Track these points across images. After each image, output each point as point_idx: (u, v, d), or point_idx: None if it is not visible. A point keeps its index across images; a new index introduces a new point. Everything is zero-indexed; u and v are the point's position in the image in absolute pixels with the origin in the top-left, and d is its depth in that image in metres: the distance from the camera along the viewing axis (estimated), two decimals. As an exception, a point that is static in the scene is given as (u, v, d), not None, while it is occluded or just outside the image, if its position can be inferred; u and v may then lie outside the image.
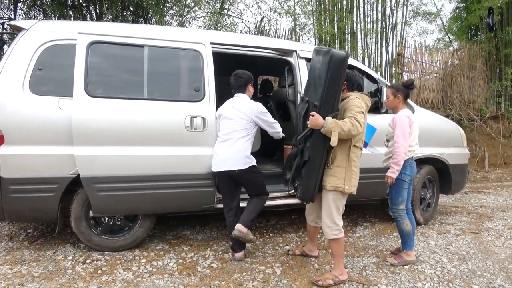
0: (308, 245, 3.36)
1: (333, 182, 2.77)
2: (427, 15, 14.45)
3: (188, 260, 3.25)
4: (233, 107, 3.23)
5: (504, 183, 8.02)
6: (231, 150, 3.16)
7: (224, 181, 3.27)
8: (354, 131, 2.61)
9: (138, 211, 3.37)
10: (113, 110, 3.13)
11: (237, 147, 3.16)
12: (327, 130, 2.60)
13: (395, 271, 3.12)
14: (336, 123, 2.59)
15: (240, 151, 3.16)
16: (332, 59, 2.62)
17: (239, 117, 3.19)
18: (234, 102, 3.27)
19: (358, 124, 2.63)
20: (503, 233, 4.21)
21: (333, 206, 2.81)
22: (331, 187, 2.77)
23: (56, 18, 6.89)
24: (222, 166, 3.19)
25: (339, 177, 2.76)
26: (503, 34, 11.14)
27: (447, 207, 5.54)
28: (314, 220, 3.17)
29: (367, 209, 5.18)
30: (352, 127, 2.61)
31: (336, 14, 10.32)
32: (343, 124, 2.60)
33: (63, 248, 3.45)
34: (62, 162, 3.04)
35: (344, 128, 2.59)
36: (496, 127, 10.17)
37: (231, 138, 3.18)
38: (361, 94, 2.91)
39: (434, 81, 10.46)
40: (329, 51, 2.66)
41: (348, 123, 2.61)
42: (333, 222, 2.81)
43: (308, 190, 2.84)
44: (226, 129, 3.22)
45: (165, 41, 3.40)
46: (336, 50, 2.67)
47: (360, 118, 2.67)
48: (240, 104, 3.24)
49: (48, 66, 3.08)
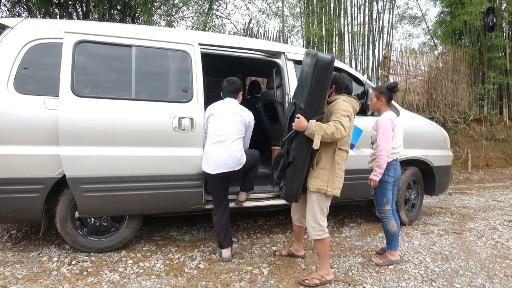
0: (295, 245, 3.40)
1: (317, 184, 2.80)
2: (413, 19, 14.72)
3: (175, 261, 3.25)
4: (230, 109, 3.24)
5: (486, 185, 8.20)
6: (228, 151, 3.16)
7: (218, 182, 3.26)
8: (337, 134, 2.64)
9: (125, 212, 3.35)
10: (100, 110, 3.10)
11: (234, 148, 3.18)
12: (310, 132, 2.63)
13: (380, 271, 3.17)
14: (319, 126, 2.62)
15: (236, 151, 3.19)
16: (318, 62, 2.64)
17: (237, 119, 3.22)
18: (230, 104, 3.28)
19: (342, 128, 2.65)
20: (485, 233, 4.31)
21: (316, 207, 2.84)
22: (314, 189, 2.81)
23: (41, 15, 6.79)
24: (219, 168, 3.16)
25: (322, 179, 2.80)
26: (486, 38, 11.41)
27: (431, 207, 5.64)
28: (299, 220, 3.20)
29: (354, 210, 5.24)
30: (335, 130, 2.63)
31: (324, 17, 10.40)
32: (327, 127, 2.63)
33: (47, 249, 3.40)
34: (48, 163, 3.00)
35: (328, 132, 2.62)
36: (479, 129, 10.41)
37: (227, 139, 3.17)
38: (349, 97, 2.93)
39: (420, 83, 10.64)
40: (315, 55, 2.68)
41: (332, 127, 2.64)
42: (317, 222, 2.84)
43: (291, 191, 2.88)
44: (219, 130, 3.19)
45: (153, 41, 3.39)
46: (322, 54, 2.68)
47: (345, 121, 2.69)
48: (238, 108, 3.28)
49: (34, 65, 3.04)
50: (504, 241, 4.04)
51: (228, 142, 3.17)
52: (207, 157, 3.22)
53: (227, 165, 3.16)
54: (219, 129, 3.20)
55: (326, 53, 2.79)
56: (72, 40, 3.12)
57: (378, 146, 3.21)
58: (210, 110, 3.29)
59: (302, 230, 3.30)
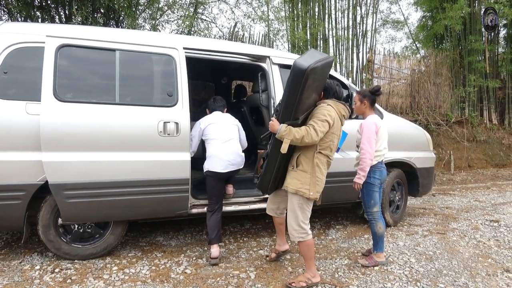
0: (278, 240, 3.39)
1: (296, 185, 2.80)
2: (395, 23, 15.02)
3: (161, 267, 3.21)
4: (224, 118, 3.58)
5: (468, 185, 8.39)
6: (236, 151, 3.48)
7: (221, 182, 3.47)
8: (307, 139, 2.64)
9: (109, 218, 3.31)
10: (83, 115, 3.06)
11: (238, 147, 3.53)
12: (279, 136, 2.66)
13: (366, 272, 3.20)
14: (289, 130, 2.64)
15: (240, 150, 3.54)
16: (294, 68, 2.58)
17: (233, 123, 3.60)
18: (222, 115, 3.61)
19: (314, 133, 2.65)
20: (467, 233, 4.40)
21: (298, 211, 2.84)
22: (293, 190, 2.81)
23: (22, 19, 6.66)
24: (230, 167, 3.40)
25: (302, 181, 2.80)
26: (466, 42, 11.69)
27: (415, 209, 5.73)
28: (275, 211, 3.24)
29: (340, 212, 5.29)
30: (306, 134, 2.64)
31: (308, 21, 10.51)
32: (297, 132, 2.64)
33: (30, 257, 3.33)
34: (29, 169, 2.94)
35: (297, 136, 2.63)
36: (461, 131, 10.64)
37: (232, 138, 3.49)
38: (336, 102, 2.91)
39: (403, 87, 10.83)
40: (295, 60, 2.61)
41: (303, 131, 2.65)
42: (299, 225, 2.84)
43: (263, 183, 3.01)
44: (223, 132, 3.47)
45: (137, 45, 3.36)
46: (300, 61, 2.58)
47: (319, 126, 2.68)
48: (230, 117, 3.65)
49: (14, 69, 2.98)
50: (486, 240, 4.13)
51: (233, 141, 3.49)
52: (216, 159, 3.37)
53: (235, 165, 3.44)
54: (222, 131, 3.47)
55: (311, 56, 2.68)
56: (54, 44, 3.08)
57: (362, 150, 3.26)
58: (207, 121, 3.51)
59: (280, 221, 3.29)
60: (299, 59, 2.60)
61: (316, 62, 2.58)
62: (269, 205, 3.28)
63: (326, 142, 2.80)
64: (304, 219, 2.85)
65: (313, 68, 2.55)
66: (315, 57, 2.64)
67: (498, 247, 3.91)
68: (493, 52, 12.52)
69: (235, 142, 3.50)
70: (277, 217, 3.27)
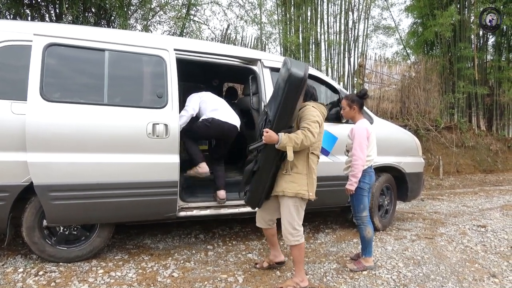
0: (272, 252, 3.31)
1: (294, 188, 2.80)
2: (387, 29, 15.15)
3: (148, 270, 3.17)
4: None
5: (456, 190, 8.47)
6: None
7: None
8: (306, 142, 2.68)
9: (96, 221, 3.25)
10: (70, 115, 3.01)
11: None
12: (282, 146, 2.66)
13: (354, 277, 3.20)
14: (289, 138, 2.65)
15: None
16: (290, 78, 2.60)
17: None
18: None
19: (311, 135, 2.70)
20: (455, 238, 4.44)
21: (294, 212, 2.84)
22: (292, 193, 2.80)
23: (11, 16, 6.56)
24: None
25: (300, 184, 2.81)
26: (456, 49, 11.85)
27: (404, 213, 5.76)
28: (267, 223, 3.13)
29: (329, 216, 5.29)
30: (304, 138, 2.68)
31: (301, 25, 10.56)
32: (296, 137, 2.66)
33: (13, 259, 3.26)
34: (14, 169, 2.88)
35: (297, 141, 2.66)
36: (450, 137, 10.77)
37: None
38: (317, 104, 2.98)
39: (393, 92, 10.94)
40: (289, 69, 2.62)
41: (300, 135, 2.68)
42: (294, 228, 2.84)
43: (254, 198, 2.96)
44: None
45: (127, 46, 3.32)
46: (295, 70, 2.61)
47: (314, 128, 2.73)
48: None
49: (0, 67, 2.92)
50: (473, 245, 4.16)
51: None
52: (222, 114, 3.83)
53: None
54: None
55: (300, 64, 2.72)
56: (42, 43, 3.02)
57: (353, 156, 3.25)
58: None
59: (273, 232, 3.21)
60: (294, 69, 2.61)
61: (305, 70, 2.67)
62: (262, 217, 3.15)
63: (316, 143, 2.86)
64: (299, 220, 2.87)
65: (307, 75, 2.66)
66: (300, 65, 2.71)
67: (485, 252, 3.95)
68: (482, 60, 12.72)
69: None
70: (270, 228, 3.17)
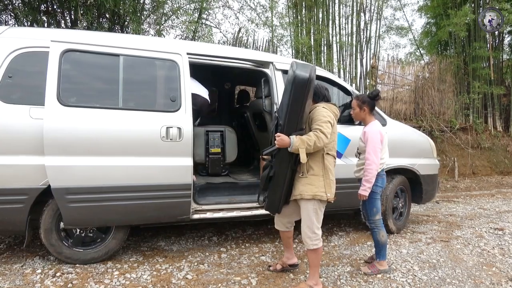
0: (286, 254, 3.30)
1: (311, 190, 2.78)
2: (400, 29, 14.98)
3: (162, 272, 3.20)
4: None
5: (472, 192, 8.32)
6: None
7: None
8: (319, 143, 2.66)
9: (111, 223, 3.30)
10: (86, 120, 3.07)
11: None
12: (294, 149, 2.65)
13: (369, 280, 3.18)
14: (301, 140, 2.64)
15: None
16: (296, 80, 2.60)
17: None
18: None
19: (323, 136, 2.68)
20: (471, 241, 4.36)
21: (313, 216, 2.82)
22: (310, 196, 2.78)
23: (28, 23, 6.72)
24: None
25: (317, 185, 2.78)
26: (470, 49, 11.66)
27: (419, 216, 5.69)
28: (285, 225, 3.13)
29: (343, 218, 5.26)
30: (317, 139, 2.66)
31: (312, 27, 10.54)
32: (308, 139, 2.65)
33: (31, 261, 3.33)
34: (32, 173, 2.95)
35: (310, 143, 2.64)
36: (465, 138, 10.58)
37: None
38: (328, 104, 2.94)
39: (407, 93, 10.81)
40: (294, 71, 2.64)
41: (313, 136, 2.66)
42: (313, 232, 2.82)
43: (273, 203, 2.94)
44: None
45: (141, 51, 3.38)
46: (300, 72, 2.62)
47: (326, 128, 2.71)
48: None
49: (19, 74, 3.00)
50: (490, 248, 4.08)
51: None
52: None
53: None
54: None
55: (306, 66, 2.69)
56: (59, 49, 3.10)
57: (367, 160, 3.18)
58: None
59: (289, 235, 3.21)
60: (298, 71, 2.62)
61: (311, 71, 2.66)
62: (280, 220, 3.15)
63: (330, 143, 2.83)
64: (318, 224, 2.85)
65: (313, 76, 2.65)
66: (306, 66, 2.71)
67: (502, 256, 3.87)
68: (498, 59, 12.48)
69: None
70: (287, 231, 3.17)
